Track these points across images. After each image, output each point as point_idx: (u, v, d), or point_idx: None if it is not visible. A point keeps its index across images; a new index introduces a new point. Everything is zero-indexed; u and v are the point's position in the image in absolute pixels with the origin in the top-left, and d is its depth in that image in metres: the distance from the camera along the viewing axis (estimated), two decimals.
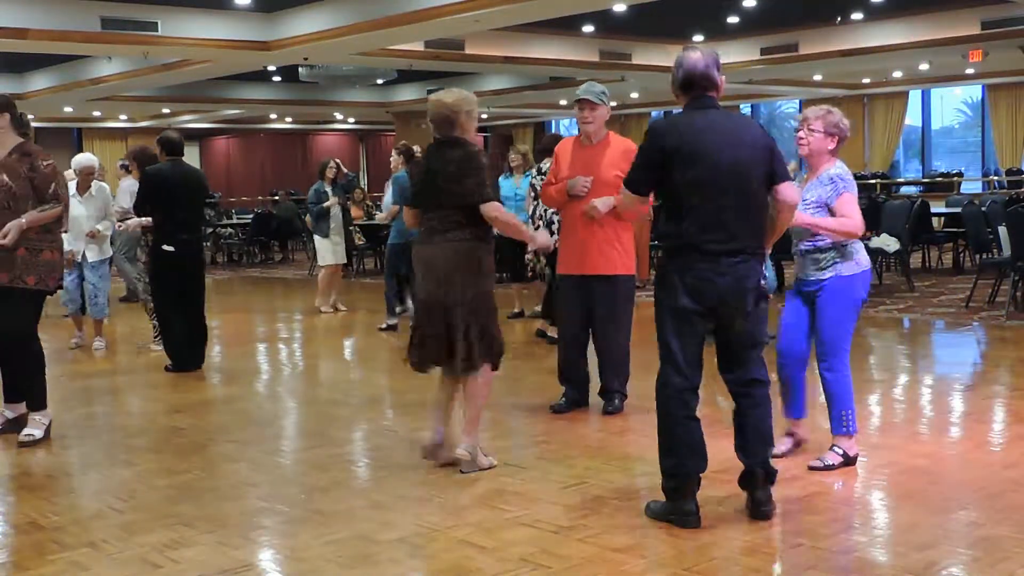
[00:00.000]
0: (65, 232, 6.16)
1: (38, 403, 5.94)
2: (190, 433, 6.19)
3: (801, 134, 4.98)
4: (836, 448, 4.97)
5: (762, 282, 4.29)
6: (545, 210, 8.51)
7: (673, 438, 4.22)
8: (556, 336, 9.19)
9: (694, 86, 4.28)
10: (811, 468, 4.91)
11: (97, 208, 9.04)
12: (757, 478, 4.26)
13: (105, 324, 9.56)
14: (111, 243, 9.59)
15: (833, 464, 4.91)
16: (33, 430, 5.88)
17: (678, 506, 4.21)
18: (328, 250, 11.66)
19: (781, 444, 5.01)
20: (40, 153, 5.84)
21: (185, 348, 8.16)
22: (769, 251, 4.44)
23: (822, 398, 5.17)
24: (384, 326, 10.17)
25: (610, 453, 5.37)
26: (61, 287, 6.25)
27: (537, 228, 8.63)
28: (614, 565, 3.82)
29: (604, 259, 6.03)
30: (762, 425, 4.30)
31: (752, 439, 4.27)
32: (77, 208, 8.46)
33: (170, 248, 7.98)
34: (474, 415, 5.07)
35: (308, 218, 12.33)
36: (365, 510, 4.55)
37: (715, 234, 4.14)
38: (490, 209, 4.97)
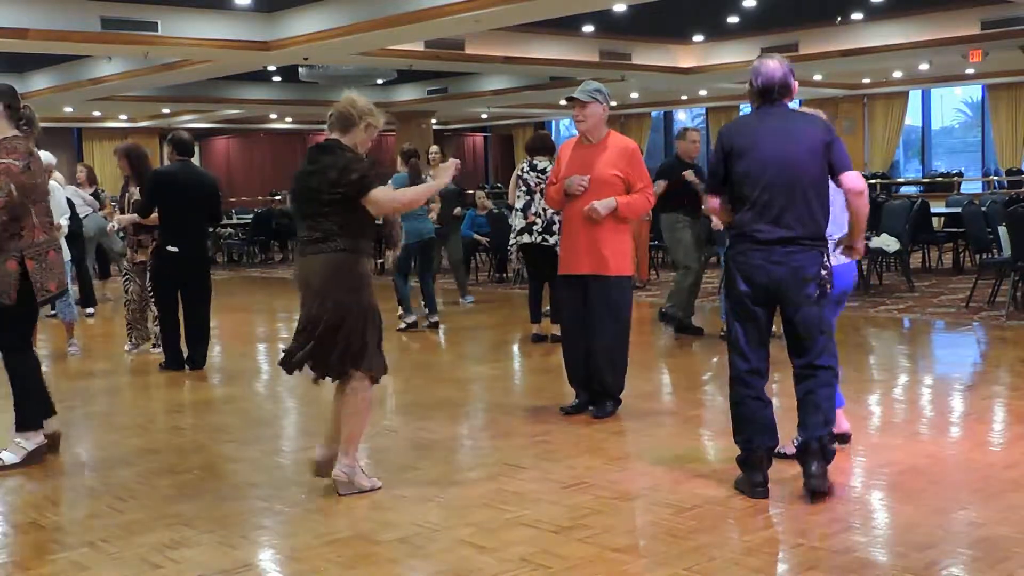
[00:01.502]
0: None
1: (20, 422, 5.42)
2: (190, 433, 6.19)
3: None
4: None
5: (823, 272, 4.43)
6: (544, 210, 8.54)
7: (739, 416, 4.55)
8: (538, 334, 9.23)
9: (772, 92, 4.51)
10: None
11: (54, 207, 8.88)
12: (812, 452, 4.44)
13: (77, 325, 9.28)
14: (83, 242, 9.35)
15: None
16: (7, 455, 5.35)
17: (747, 477, 4.52)
18: None
19: (787, 447, 5.02)
20: (8, 150, 5.22)
21: (187, 348, 8.16)
22: (861, 245, 4.63)
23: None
24: (403, 326, 10.13)
25: (610, 453, 5.37)
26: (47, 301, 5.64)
27: (531, 223, 8.66)
28: (614, 565, 3.82)
29: (598, 259, 6.02)
30: (824, 404, 4.49)
31: (812, 415, 4.47)
32: None
33: (174, 249, 7.98)
34: (351, 433, 4.75)
35: None
36: (365, 510, 4.56)
37: (767, 224, 4.40)
38: (376, 195, 4.62)
